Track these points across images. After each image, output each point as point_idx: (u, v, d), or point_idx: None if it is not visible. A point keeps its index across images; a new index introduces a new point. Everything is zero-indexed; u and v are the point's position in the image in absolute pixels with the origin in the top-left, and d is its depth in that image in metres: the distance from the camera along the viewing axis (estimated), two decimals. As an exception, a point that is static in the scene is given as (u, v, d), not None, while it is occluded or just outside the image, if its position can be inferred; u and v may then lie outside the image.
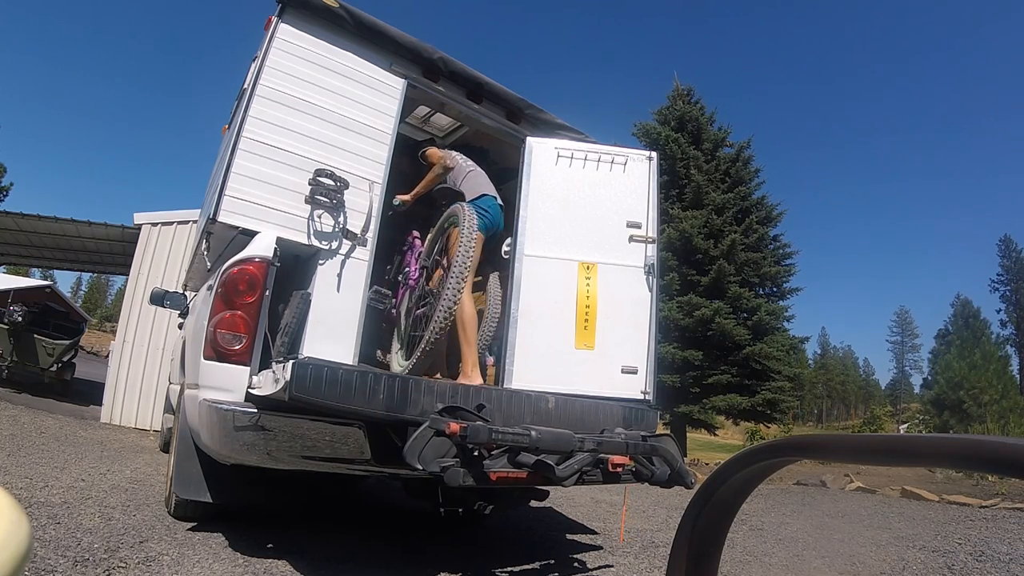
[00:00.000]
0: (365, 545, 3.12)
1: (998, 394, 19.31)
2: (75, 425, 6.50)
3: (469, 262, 2.83)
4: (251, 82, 2.72)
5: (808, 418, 77.22)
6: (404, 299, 3.60)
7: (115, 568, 2.21)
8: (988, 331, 26.33)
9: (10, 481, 3.36)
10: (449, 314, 2.76)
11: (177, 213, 8.08)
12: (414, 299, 3.43)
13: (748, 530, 4.71)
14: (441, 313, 2.76)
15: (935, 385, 23.65)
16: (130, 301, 7.84)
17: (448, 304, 2.76)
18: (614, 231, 3.48)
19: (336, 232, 2.76)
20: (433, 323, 2.77)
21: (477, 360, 3.16)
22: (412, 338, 3.31)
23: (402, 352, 3.43)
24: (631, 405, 3.15)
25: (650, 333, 3.42)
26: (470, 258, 2.83)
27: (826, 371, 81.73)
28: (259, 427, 2.16)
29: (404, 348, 3.44)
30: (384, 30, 2.98)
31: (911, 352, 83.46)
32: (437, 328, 2.76)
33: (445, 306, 2.76)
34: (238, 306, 2.42)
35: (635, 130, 16.88)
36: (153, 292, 4.84)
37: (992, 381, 19.82)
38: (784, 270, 15.92)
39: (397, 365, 3.26)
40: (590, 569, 3.17)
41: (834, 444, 0.52)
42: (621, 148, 3.73)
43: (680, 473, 2.59)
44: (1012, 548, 4.15)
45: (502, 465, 2.23)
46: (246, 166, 2.58)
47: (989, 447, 0.39)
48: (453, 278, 2.78)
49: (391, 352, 3.50)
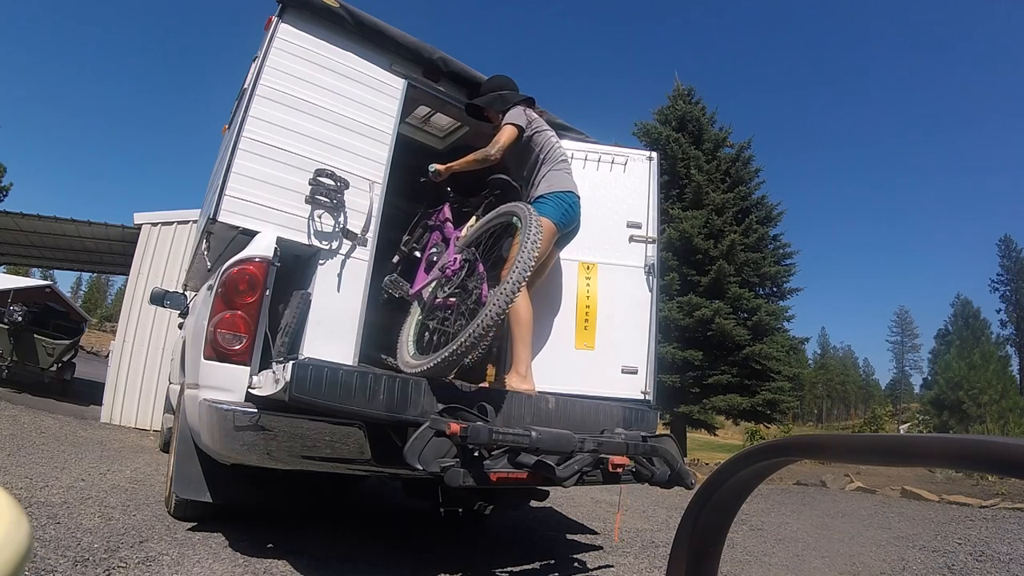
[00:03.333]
0: (365, 545, 3.12)
1: (998, 394, 19.35)
2: (75, 425, 6.50)
3: (532, 262, 2.48)
4: (251, 82, 2.72)
5: (808, 418, 77.21)
6: (428, 284, 3.21)
7: (115, 568, 2.21)
8: (988, 331, 26.42)
9: (10, 481, 3.35)
10: (494, 323, 2.40)
11: (177, 213, 8.07)
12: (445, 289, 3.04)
13: (748, 530, 4.71)
14: (485, 321, 2.37)
15: (935, 385, 23.70)
16: (130, 301, 7.83)
17: (497, 311, 2.38)
18: (614, 231, 3.48)
19: (336, 232, 2.75)
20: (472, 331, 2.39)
21: (530, 363, 2.90)
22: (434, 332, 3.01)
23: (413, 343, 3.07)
24: (631, 405, 3.15)
25: (650, 333, 3.42)
26: (534, 256, 2.49)
27: (826, 371, 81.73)
28: (259, 427, 2.16)
29: (416, 340, 3.10)
30: (384, 30, 2.97)
31: (911, 352, 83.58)
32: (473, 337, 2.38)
33: (493, 312, 2.37)
34: (238, 306, 2.42)
35: (636, 130, 16.87)
36: (153, 292, 4.84)
37: (992, 381, 19.85)
38: (784, 270, 15.91)
39: (407, 357, 2.88)
40: (590, 569, 3.17)
41: (834, 444, 0.52)
42: (621, 148, 3.73)
43: (680, 473, 2.59)
44: (1012, 548, 4.15)
45: (502, 466, 2.23)
46: (246, 166, 2.58)
47: (989, 447, 0.39)
48: (513, 275, 2.42)
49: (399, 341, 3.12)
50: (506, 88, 3.24)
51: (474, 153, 3.06)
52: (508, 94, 3.21)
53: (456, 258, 2.93)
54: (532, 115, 3.16)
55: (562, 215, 2.96)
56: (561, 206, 2.96)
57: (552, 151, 3.13)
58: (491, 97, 3.21)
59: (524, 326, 2.83)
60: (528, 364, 2.84)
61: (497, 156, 2.99)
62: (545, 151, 3.12)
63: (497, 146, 2.97)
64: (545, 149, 3.12)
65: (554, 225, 2.91)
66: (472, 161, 3.03)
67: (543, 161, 3.10)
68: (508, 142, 3.00)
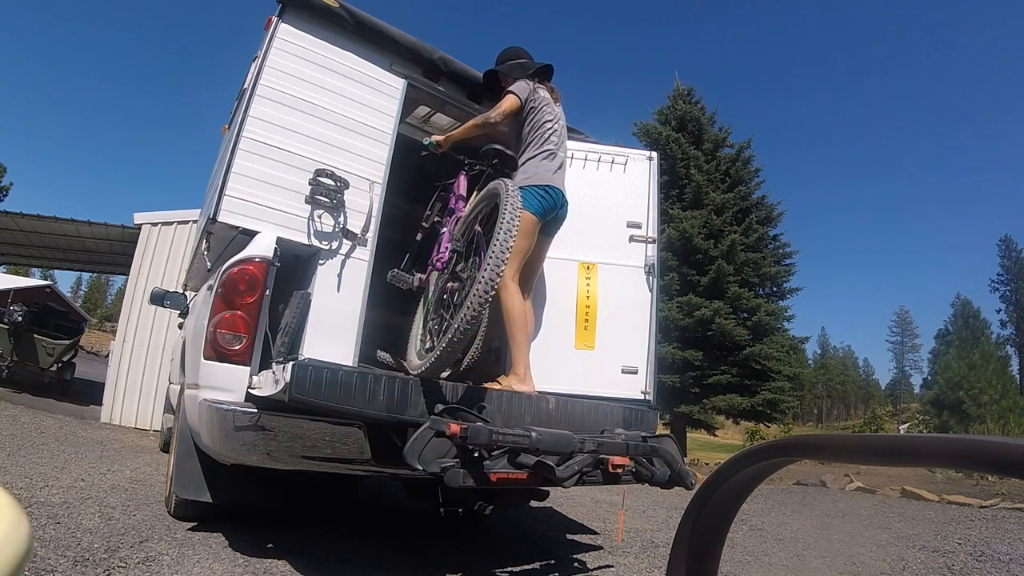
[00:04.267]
0: (365, 545, 3.12)
1: (997, 394, 19.36)
2: (75, 425, 6.50)
3: (511, 243, 2.33)
4: (251, 82, 2.72)
5: (808, 418, 77.22)
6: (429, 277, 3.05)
7: (115, 568, 2.21)
8: (988, 331, 26.44)
9: (10, 481, 3.35)
10: (480, 306, 2.25)
11: (177, 213, 8.08)
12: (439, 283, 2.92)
13: (748, 530, 4.71)
14: (467, 313, 2.25)
15: (935, 385, 23.72)
16: (130, 301, 7.84)
17: (481, 294, 2.23)
18: (614, 231, 3.48)
19: (336, 232, 2.75)
20: (456, 325, 2.29)
21: (529, 364, 2.79)
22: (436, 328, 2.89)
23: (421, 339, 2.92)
24: (631, 405, 3.14)
25: (650, 333, 3.42)
26: (512, 237, 2.34)
27: (826, 371, 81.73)
28: (259, 427, 2.16)
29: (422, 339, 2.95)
30: (384, 30, 2.97)
31: (911, 352, 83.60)
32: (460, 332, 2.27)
33: (474, 303, 2.23)
34: (238, 306, 2.42)
35: (636, 130, 16.90)
36: (153, 292, 4.84)
37: (992, 381, 19.86)
38: (784, 270, 15.93)
39: (412, 357, 2.77)
40: (590, 569, 3.17)
41: (834, 444, 0.52)
42: (621, 148, 3.73)
43: (680, 474, 2.59)
44: (1012, 548, 4.15)
45: (502, 466, 2.23)
46: (246, 166, 2.58)
47: (989, 447, 0.39)
48: (490, 263, 2.28)
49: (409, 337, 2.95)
50: (523, 57, 3.22)
51: (474, 119, 3.01)
52: (527, 63, 3.18)
53: (446, 248, 2.84)
54: (539, 93, 3.05)
55: (539, 206, 2.83)
56: (536, 196, 2.83)
57: (541, 137, 2.98)
58: (511, 65, 3.18)
59: (520, 327, 2.75)
60: (527, 365, 2.80)
61: (498, 119, 2.92)
62: (533, 134, 2.99)
63: (498, 111, 2.92)
64: (533, 132, 2.99)
65: (533, 215, 2.79)
66: (472, 127, 2.97)
67: (528, 145, 2.98)
68: (508, 110, 2.94)
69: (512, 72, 3.15)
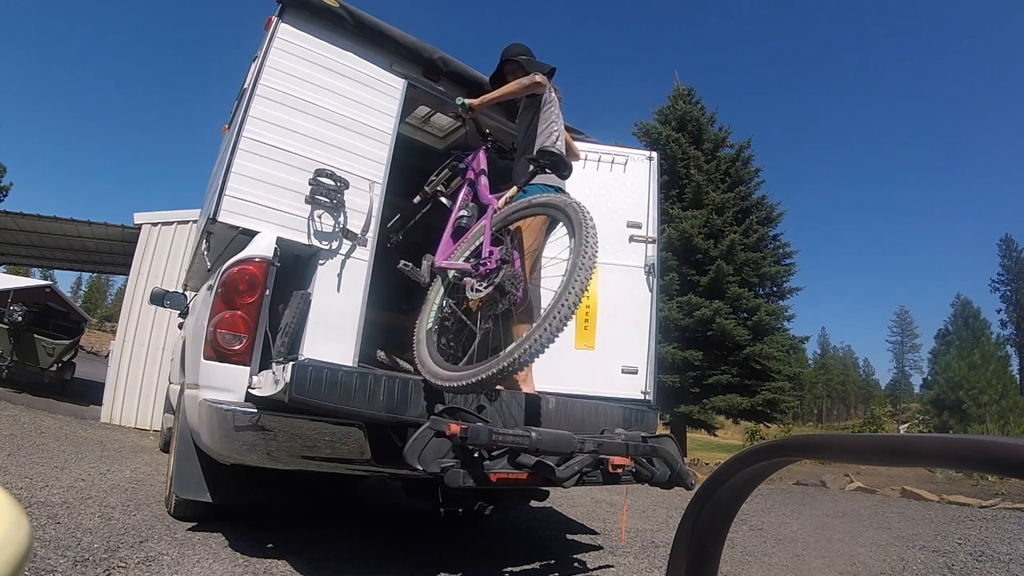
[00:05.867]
0: (365, 545, 3.12)
1: (997, 394, 19.36)
2: (75, 425, 6.50)
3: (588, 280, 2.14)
4: (251, 82, 2.72)
5: (808, 418, 77.19)
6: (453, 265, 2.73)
7: (115, 568, 2.21)
8: (988, 331, 26.40)
9: (10, 481, 3.35)
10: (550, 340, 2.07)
11: (177, 213, 8.08)
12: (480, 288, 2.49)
13: (748, 530, 4.71)
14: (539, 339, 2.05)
15: (935, 385, 23.70)
16: (130, 301, 7.84)
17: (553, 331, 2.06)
18: (614, 231, 3.48)
19: (336, 232, 2.75)
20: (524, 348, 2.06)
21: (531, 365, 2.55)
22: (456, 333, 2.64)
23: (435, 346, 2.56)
24: (631, 405, 3.15)
25: (650, 333, 3.42)
26: (590, 274, 2.15)
27: (826, 371, 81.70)
28: (259, 427, 2.16)
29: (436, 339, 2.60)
30: (384, 30, 2.97)
31: (911, 352, 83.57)
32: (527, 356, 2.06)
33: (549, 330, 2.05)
34: (238, 306, 2.42)
35: (636, 130, 16.91)
36: (153, 292, 4.84)
37: (992, 381, 19.86)
38: (784, 270, 15.93)
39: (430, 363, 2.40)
40: (590, 569, 3.17)
41: (834, 444, 0.52)
42: (621, 148, 3.73)
43: (680, 474, 2.59)
44: (1012, 548, 4.15)
45: (502, 466, 2.23)
46: (246, 166, 2.58)
47: (989, 447, 0.39)
48: (569, 299, 2.08)
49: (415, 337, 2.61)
50: (525, 55, 3.23)
51: (514, 82, 2.91)
52: (538, 61, 3.20)
53: (493, 252, 2.50)
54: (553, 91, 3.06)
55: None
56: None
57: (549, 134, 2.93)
58: (527, 60, 3.18)
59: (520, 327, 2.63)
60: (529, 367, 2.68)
61: (542, 82, 2.89)
62: (543, 129, 2.95)
63: (537, 78, 2.88)
64: (543, 127, 2.96)
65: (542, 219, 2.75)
66: (511, 92, 2.88)
67: (535, 140, 2.92)
68: (544, 83, 2.92)
69: (528, 67, 3.14)
